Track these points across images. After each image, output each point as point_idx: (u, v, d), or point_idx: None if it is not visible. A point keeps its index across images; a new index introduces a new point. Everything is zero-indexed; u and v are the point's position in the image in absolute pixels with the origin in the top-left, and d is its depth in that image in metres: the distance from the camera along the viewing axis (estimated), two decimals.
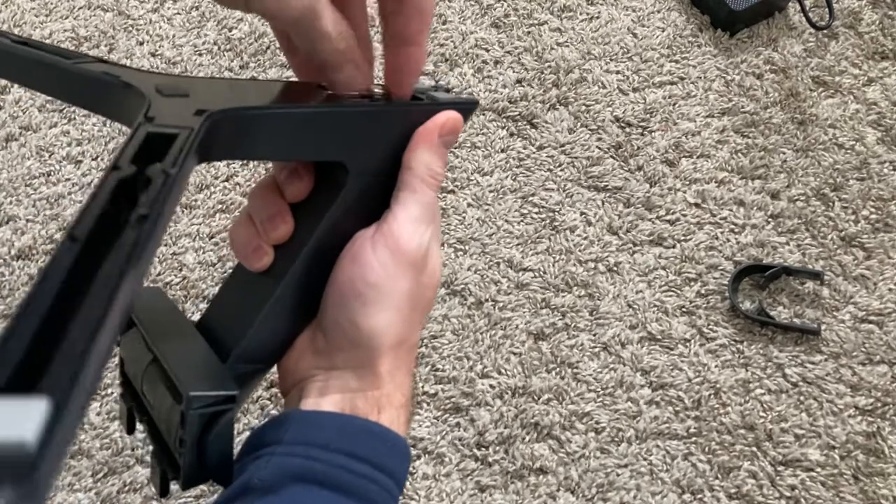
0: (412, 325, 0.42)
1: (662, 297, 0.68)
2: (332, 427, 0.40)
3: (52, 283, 0.22)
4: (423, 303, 0.42)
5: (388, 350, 0.41)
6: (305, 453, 0.38)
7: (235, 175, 0.74)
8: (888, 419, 0.62)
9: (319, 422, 0.40)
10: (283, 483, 0.38)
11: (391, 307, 0.40)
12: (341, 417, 0.40)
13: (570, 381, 0.65)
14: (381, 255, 0.40)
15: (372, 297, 0.40)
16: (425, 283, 0.42)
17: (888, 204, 0.70)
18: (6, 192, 0.75)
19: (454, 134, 0.43)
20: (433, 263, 0.43)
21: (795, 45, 0.77)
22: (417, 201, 0.41)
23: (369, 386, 0.41)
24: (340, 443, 0.39)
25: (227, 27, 0.81)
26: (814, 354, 0.65)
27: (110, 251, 0.24)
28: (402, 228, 0.41)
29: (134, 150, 0.29)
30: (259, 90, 0.41)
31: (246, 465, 0.40)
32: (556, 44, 0.79)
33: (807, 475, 0.61)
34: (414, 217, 0.41)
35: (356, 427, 0.40)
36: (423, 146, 0.42)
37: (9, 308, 0.69)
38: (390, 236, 0.41)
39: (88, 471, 0.63)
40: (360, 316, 0.40)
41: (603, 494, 0.61)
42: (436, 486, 0.62)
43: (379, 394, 0.41)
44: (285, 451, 0.39)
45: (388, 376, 0.41)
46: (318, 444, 0.39)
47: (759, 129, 0.74)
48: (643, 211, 0.71)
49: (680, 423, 0.63)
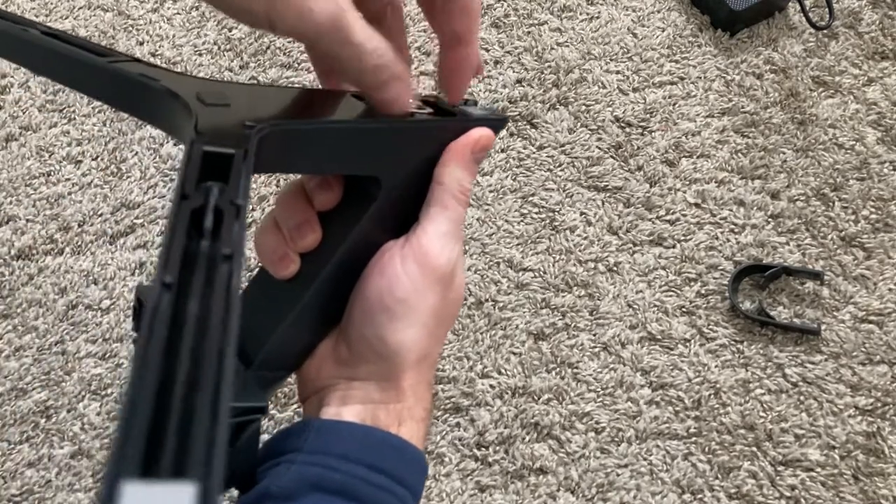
0: (437, 340, 0.42)
1: (662, 297, 0.68)
2: (353, 437, 0.40)
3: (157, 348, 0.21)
4: (448, 319, 0.42)
5: (412, 365, 0.41)
6: (325, 463, 0.38)
7: None
8: (888, 419, 0.62)
9: (340, 431, 0.40)
10: (302, 491, 0.38)
11: (418, 323, 0.40)
12: (362, 428, 0.40)
13: (570, 381, 0.65)
14: (410, 270, 0.40)
15: (399, 312, 0.40)
16: (451, 299, 0.42)
17: (888, 204, 0.70)
18: (6, 192, 0.75)
19: (486, 150, 0.43)
20: (459, 279, 0.43)
21: (795, 45, 0.77)
22: (448, 217, 0.41)
23: (391, 399, 0.41)
24: (360, 454, 0.39)
25: (227, 27, 0.81)
26: (814, 354, 0.65)
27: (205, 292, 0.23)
28: (432, 244, 0.40)
29: (196, 172, 0.28)
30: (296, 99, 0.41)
31: (264, 472, 0.40)
32: (556, 44, 0.79)
33: (807, 475, 0.61)
34: (443, 232, 0.41)
35: (377, 439, 0.40)
36: (455, 162, 0.42)
37: (8, 308, 0.69)
38: (420, 251, 0.40)
39: (88, 471, 0.63)
40: (388, 331, 0.40)
41: (603, 494, 0.61)
42: (436, 486, 0.62)
43: (401, 407, 0.41)
44: (304, 459, 0.39)
45: (411, 390, 0.41)
46: (338, 453, 0.39)
47: (759, 129, 0.74)
48: (643, 211, 0.71)
49: (680, 423, 0.63)
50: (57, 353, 0.68)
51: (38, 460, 0.63)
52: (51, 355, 0.67)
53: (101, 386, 0.66)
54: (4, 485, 0.63)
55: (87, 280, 0.70)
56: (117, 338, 0.68)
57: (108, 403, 0.65)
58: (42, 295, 0.70)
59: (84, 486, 0.62)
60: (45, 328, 0.69)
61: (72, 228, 0.73)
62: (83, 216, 0.73)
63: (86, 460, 0.63)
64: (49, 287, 0.70)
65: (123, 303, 0.69)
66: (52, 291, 0.70)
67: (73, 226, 0.73)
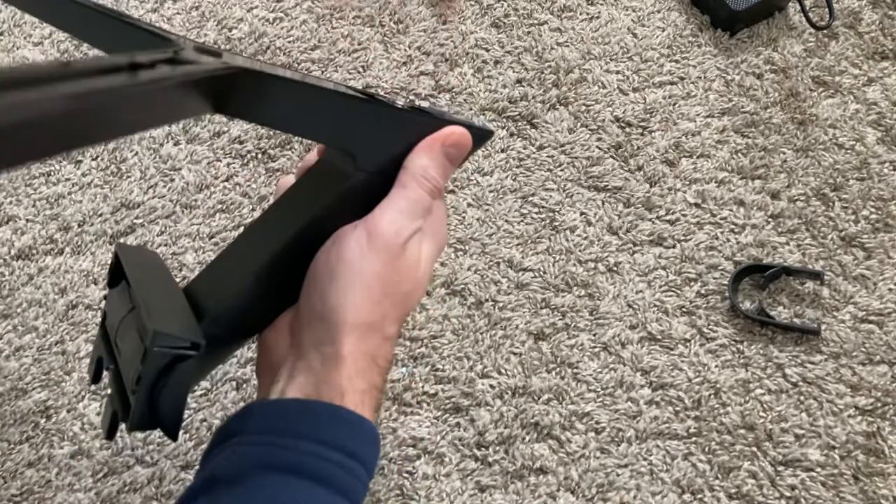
0: (383, 311, 0.42)
1: (662, 297, 0.68)
2: (298, 414, 0.40)
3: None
4: (397, 292, 0.42)
5: (351, 328, 0.41)
6: (271, 441, 0.39)
7: (235, 175, 0.74)
8: (888, 419, 0.62)
9: (284, 409, 0.40)
10: (249, 472, 0.38)
11: (359, 286, 0.41)
12: (306, 403, 0.40)
13: (570, 381, 0.65)
14: (359, 236, 0.42)
15: (341, 272, 0.41)
16: (402, 272, 0.42)
17: (888, 204, 0.70)
18: (6, 192, 0.75)
19: (458, 148, 0.45)
20: (415, 257, 0.43)
21: (795, 45, 0.77)
22: (405, 196, 0.43)
23: (332, 368, 0.41)
24: (306, 429, 0.39)
25: (228, 27, 0.82)
26: (814, 354, 0.65)
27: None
28: (384, 215, 0.42)
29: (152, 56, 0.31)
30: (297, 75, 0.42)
31: (212, 457, 0.40)
32: (556, 44, 0.79)
33: (807, 475, 0.61)
34: (398, 208, 0.42)
35: (322, 412, 0.40)
36: (422, 151, 0.43)
37: (8, 308, 0.69)
38: (370, 220, 0.42)
39: (88, 471, 0.63)
40: (328, 290, 0.41)
41: (603, 494, 0.61)
42: (436, 486, 0.62)
43: (340, 377, 0.40)
44: (251, 440, 0.39)
45: (351, 359, 0.41)
46: (284, 431, 0.39)
47: (759, 129, 0.74)
48: (643, 211, 0.71)
49: (680, 423, 0.63)
50: (57, 353, 0.68)
51: (38, 460, 0.63)
52: (51, 355, 0.67)
53: (101, 386, 0.66)
54: (4, 485, 0.63)
55: (87, 280, 0.70)
56: None
57: None
58: (42, 295, 0.70)
59: (84, 486, 0.62)
60: (45, 328, 0.69)
61: (72, 228, 0.73)
62: (83, 216, 0.73)
63: (86, 460, 0.63)
64: (49, 287, 0.70)
65: None
66: (52, 291, 0.70)
67: (73, 226, 0.73)
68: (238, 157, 0.75)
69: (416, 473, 0.62)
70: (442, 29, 0.80)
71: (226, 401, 0.65)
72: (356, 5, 0.82)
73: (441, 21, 0.81)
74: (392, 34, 0.80)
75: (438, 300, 0.68)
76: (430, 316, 0.67)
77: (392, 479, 0.62)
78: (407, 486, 0.62)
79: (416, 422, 0.64)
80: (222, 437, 0.41)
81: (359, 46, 0.80)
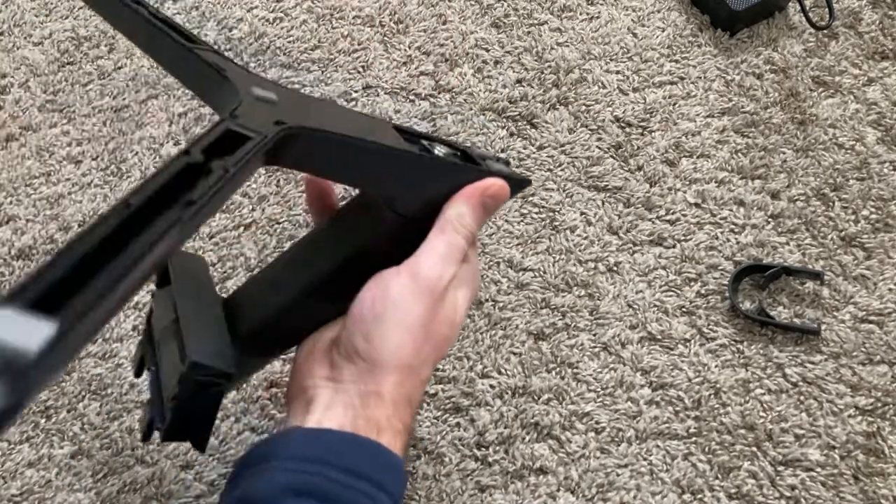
0: (423, 355, 0.43)
1: (662, 297, 0.68)
2: (332, 443, 0.41)
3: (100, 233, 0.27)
4: (437, 336, 0.44)
5: (394, 371, 0.42)
6: (304, 468, 0.39)
7: None
8: (888, 419, 0.62)
9: (319, 438, 0.41)
10: (280, 496, 0.38)
11: (403, 329, 0.42)
12: (341, 434, 0.41)
13: (570, 381, 0.65)
14: (402, 279, 0.43)
15: (386, 314, 0.42)
16: (442, 316, 0.44)
17: (888, 204, 0.70)
18: (6, 192, 0.75)
19: (496, 200, 0.47)
20: (454, 302, 0.45)
21: (795, 45, 0.77)
22: (444, 241, 0.44)
23: (371, 405, 0.42)
24: (340, 459, 0.40)
25: (228, 27, 0.82)
26: (814, 354, 0.65)
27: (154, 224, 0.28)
28: (426, 259, 0.44)
29: (209, 141, 0.32)
30: (346, 118, 0.45)
31: (244, 478, 0.41)
32: (556, 44, 0.79)
33: (807, 475, 0.61)
34: (438, 252, 0.44)
35: (356, 444, 0.41)
36: (461, 199, 0.45)
37: None
38: (413, 264, 0.44)
39: (88, 471, 0.63)
40: (373, 333, 0.42)
41: (603, 494, 0.61)
42: (436, 486, 0.62)
43: (380, 414, 0.42)
44: (284, 465, 0.40)
45: (391, 399, 0.42)
46: (317, 459, 0.40)
47: (759, 129, 0.74)
48: (643, 211, 0.71)
49: (680, 423, 0.63)
50: None
51: (38, 460, 0.64)
52: None
53: (101, 386, 0.66)
54: (4, 485, 0.63)
55: None
56: (117, 338, 0.68)
57: (108, 403, 0.65)
58: None
59: (84, 486, 0.62)
60: None
61: (72, 228, 0.73)
62: (83, 216, 0.73)
63: (86, 460, 0.63)
64: None
65: None
66: None
67: (73, 226, 0.73)
68: None
69: (415, 473, 0.62)
70: (442, 29, 0.80)
71: (226, 401, 0.65)
72: (356, 5, 0.82)
73: (441, 21, 0.81)
74: (392, 34, 0.80)
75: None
76: None
77: None
78: (407, 486, 0.62)
79: (416, 422, 0.64)
80: (255, 459, 0.41)
81: (359, 46, 0.80)
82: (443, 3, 0.81)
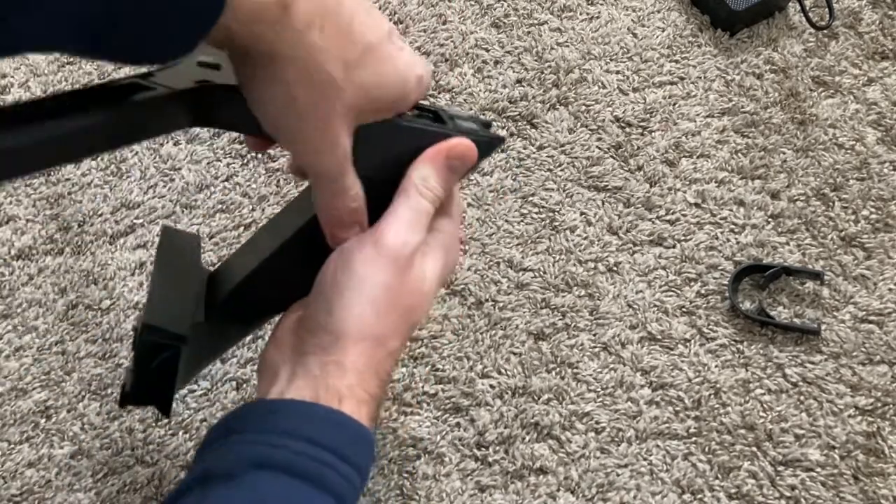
0: (389, 325, 0.42)
1: (662, 297, 0.68)
2: (294, 414, 0.40)
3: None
4: (403, 305, 0.43)
5: (357, 341, 0.41)
6: (267, 440, 0.39)
7: (235, 175, 0.74)
8: (888, 419, 0.62)
9: (281, 409, 0.41)
10: (244, 470, 0.38)
11: (364, 298, 0.42)
12: (303, 405, 0.40)
13: (570, 381, 0.65)
14: (365, 248, 0.42)
15: (347, 284, 0.42)
16: (408, 285, 0.43)
17: (888, 204, 0.70)
18: (6, 192, 0.75)
19: (463, 160, 0.45)
20: (421, 270, 0.43)
21: (795, 45, 0.77)
22: (409, 206, 0.43)
23: (332, 374, 0.41)
24: (302, 430, 0.40)
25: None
26: (814, 354, 0.65)
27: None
28: (389, 226, 0.43)
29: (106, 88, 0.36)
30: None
31: (208, 453, 0.41)
32: (556, 44, 0.79)
33: (807, 475, 0.61)
34: (401, 218, 0.43)
35: (318, 414, 0.40)
36: (424, 161, 0.44)
37: (8, 308, 0.69)
38: (376, 232, 0.43)
39: (88, 471, 0.63)
40: (334, 302, 0.42)
41: (603, 494, 0.61)
42: (436, 486, 0.62)
43: (340, 384, 0.41)
44: (247, 438, 0.40)
45: (353, 368, 0.41)
46: (280, 431, 0.40)
47: (759, 129, 0.74)
48: (643, 211, 0.71)
49: (680, 423, 0.63)
50: (57, 353, 0.68)
51: (38, 460, 0.63)
52: (51, 355, 0.67)
53: (101, 386, 0.66)
54: (4, 485, 0.63)
55: (87, 280, 0.70)
56: (117, 338, 0.68)
57: (108, 403, 0.65)
58: (42, 295, 0.70)
59: (84, 486, 0.62)
60: (45, 328, 0.69)
61: (72, 228, 0.73)
62: (83, 216, 0.73)
63: (86, 460, 0.63)
64: (49, 287, 0.70)
65: (123, 303, 0.69)
66: (52, 291, 0.70)
67: (73, 226, 0.73)
68: (238, 157, 0.75)
69: (416, 473, 0.62)
70: (442, 29, 0.80)
71: (226, 401, 0.65)
72: None
73: (441, 21, 0.81)
74: None
75: (438, 300, 0.68)
76: (430, 316, 0.67)
77: (392, 480, 0.62)
78: (407, 486, 0.62)
79: (416, 422, 0.64)
80: (219, 433, 0.41)
81: None
82: (443, 3, 0.81)
